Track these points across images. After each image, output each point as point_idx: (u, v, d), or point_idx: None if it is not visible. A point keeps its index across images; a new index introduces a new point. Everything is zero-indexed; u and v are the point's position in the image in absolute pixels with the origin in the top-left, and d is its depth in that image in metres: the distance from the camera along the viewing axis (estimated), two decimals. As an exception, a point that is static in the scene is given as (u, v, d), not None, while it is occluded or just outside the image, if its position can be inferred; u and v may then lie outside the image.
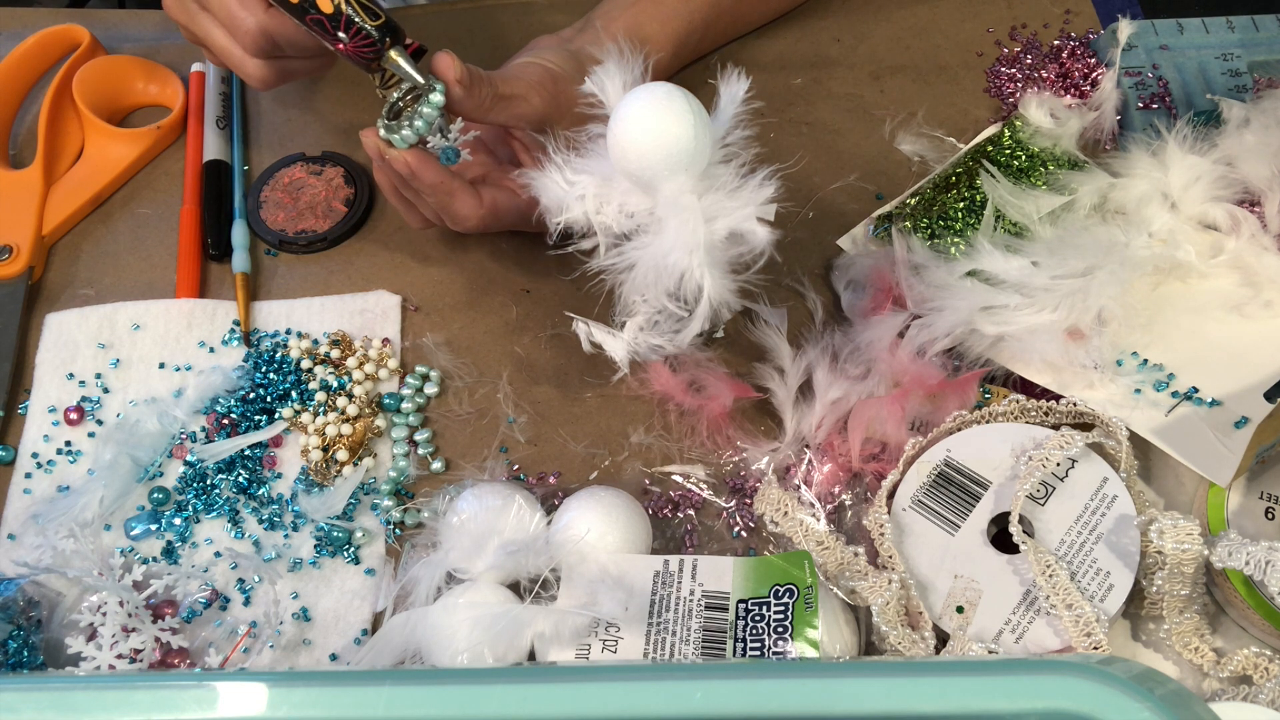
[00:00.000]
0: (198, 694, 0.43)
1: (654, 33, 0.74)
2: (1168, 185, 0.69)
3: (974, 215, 0.70)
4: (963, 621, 0.57)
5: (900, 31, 0.83)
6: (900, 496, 0.61)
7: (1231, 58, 0.77)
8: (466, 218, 0.65)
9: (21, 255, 0.74)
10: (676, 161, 0.55)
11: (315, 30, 0.60)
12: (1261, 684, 0.56)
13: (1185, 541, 0.55)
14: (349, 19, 0.59)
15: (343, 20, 0.59)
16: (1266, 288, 0.66)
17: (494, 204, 0.65)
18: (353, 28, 0.59)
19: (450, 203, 0.64)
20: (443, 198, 0.63)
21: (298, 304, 0.73)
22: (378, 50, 0.60)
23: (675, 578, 0.59)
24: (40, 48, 0.81)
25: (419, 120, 0.60)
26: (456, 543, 0.60)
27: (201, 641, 0.61)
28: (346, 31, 0.59)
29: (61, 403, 0.69)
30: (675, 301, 0.58)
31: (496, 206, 0.65)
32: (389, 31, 0.60)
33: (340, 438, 0.67)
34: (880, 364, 0.64)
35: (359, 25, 0.59)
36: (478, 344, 0.71)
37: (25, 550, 0.64)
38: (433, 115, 0.60)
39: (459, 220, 0.65)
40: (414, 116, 0.60)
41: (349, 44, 0.59)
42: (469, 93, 0.61)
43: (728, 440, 0.66)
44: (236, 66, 0.68)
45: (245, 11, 0.63)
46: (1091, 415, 0.61)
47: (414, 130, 0.61)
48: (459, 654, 0.56)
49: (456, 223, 0.66)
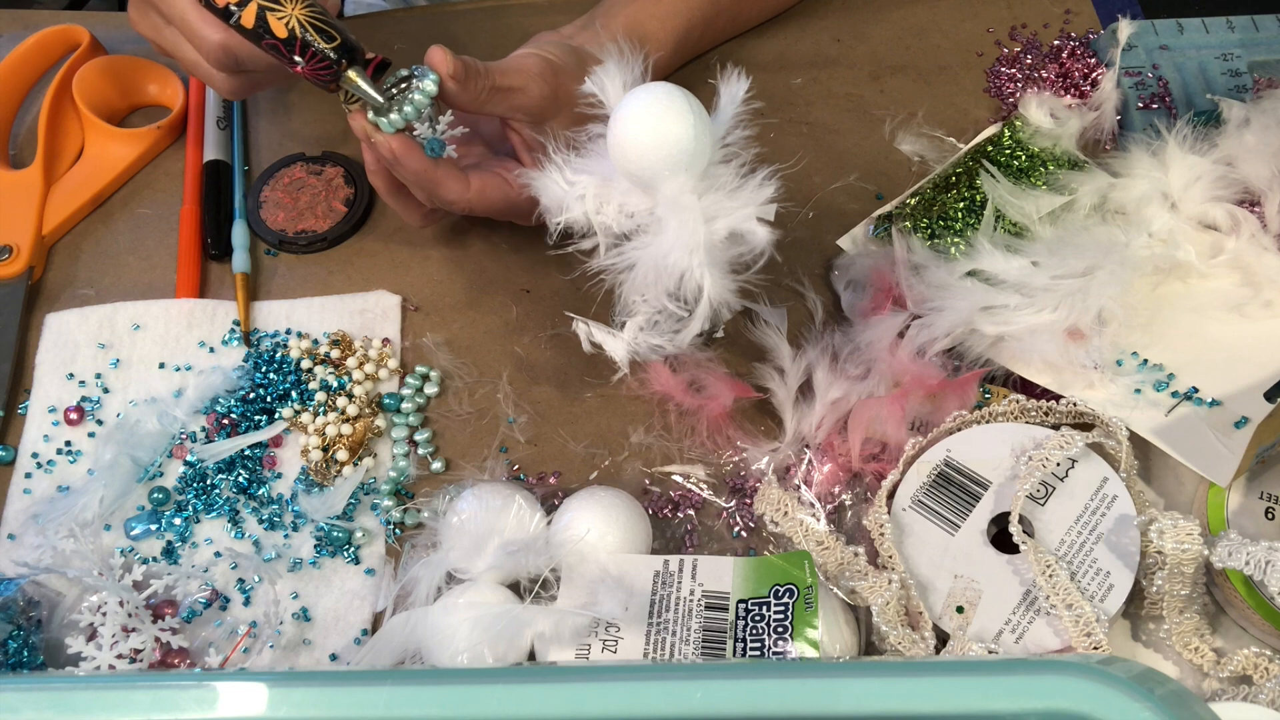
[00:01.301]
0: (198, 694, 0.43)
1: (654, 30, 0.74)
2: (1168, 185, 0.69)
3: (974, 215, 0.70)
4: (963, 621, 0.57)
5: (900, 31, 0.83)
6: (900, 496, 0.61)
7: (1231, 58, 0.77)
8: (453, 202, 0.65)
9: (21, 255, 0.74)
10: (676, 161, 0.55)
11: (271, 54, 0.60)
12: (1261, 684, 0.56)
13: (1185, 541, 0.55)
14: (305, 42, 0.59)
15: (298, 44, 0.59)
16: (1266, 288, 0.66)
17: (482, 189, 0.65)
18: (309, 50, 0.59)
19: (435, 189, 0.64)
20: (427, 185, 0.64)
21: (298, 304, 0.73)
22: (335, 72, 0.60)
23: (675, 578, 0.59)
24: (40, 48, 0.81)
25: (408, 106, 0.60)
26: (456, 543, 0.60)
27: (201, 641, 0.61)
28: (303, 55, 0.59)
29: (61, 403, 0.69)
30: (675, 301, 0.58)
31: (485, 191, 0.65)
32: (345, 52, 0.59)
33: (340, 438, 0.67)
34: (880, 364, 0.64)
35: (315, 48, 0.59)
36: (478, 344, 0.71)
37: (25, 550, 0.64)
38: (423, 103, 0.60)
39: (446, 204, 0.65)
40: (403, 102, 0.60)
41: (305, 66, 0.59)
42: (463, 86, 0.61)
43: (728, 440, 0.66)
44: (204, 79, 0.68)
45: (206, 29, 0.63)
46: (1091, 415, 0.61)
47: (402, 116, 0.60)
48: (459, 654, 0.56)
49: (444, 205, 0.66)
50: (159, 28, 0.68)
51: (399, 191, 0.67)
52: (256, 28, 0.59)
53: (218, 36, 0.62)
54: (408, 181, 0.64)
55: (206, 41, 0.63)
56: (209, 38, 0.63)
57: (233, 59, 0.64)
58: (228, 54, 0.63)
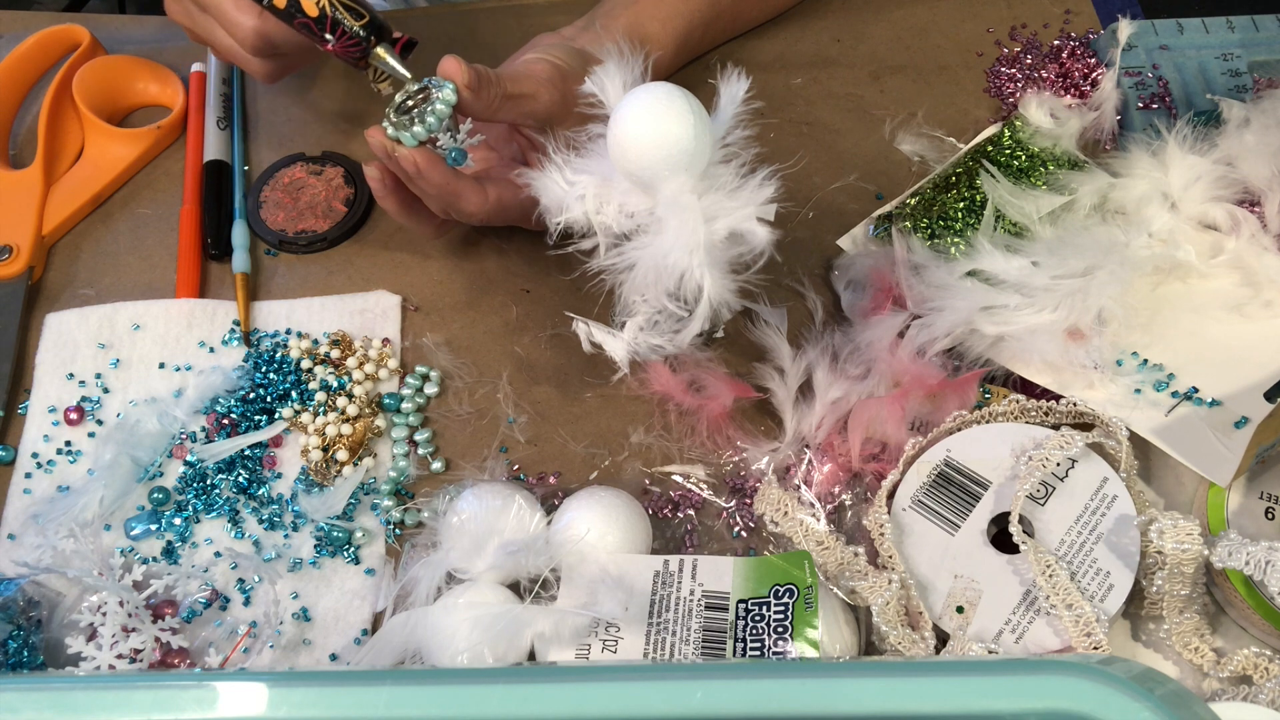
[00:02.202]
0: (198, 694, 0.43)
1: (655, 31, 0.74)
2: (1168, 185, 0.69)
3: (974, 215, 0.70)
4: (963, 621, 0.57)
5: (900, 31, 0.83)
6: (900, 496, 0.61)
7: (1231, 58, 0.77)
8: (472, 214, 0.65)
9: (21, 255, 0.74)
10: (676, 161, 0.55)
11: (303, 32, 0.63)
12: (1261, 684, 0.56)
13: (1185, 541, 0.55)
14: (334, 20, 0.62)
15: (328, 22, 0.62)
16: (1266, 288, 0.66)
17: (499, 199, 0.65)
18: (339, 29, 0.62)
19: (456, 201, 0.64)
20: (448, 198, 0.63)
21: (298, 304, 0.73)
22: (364, 49, 0.63)
23: (675, 578, 0.59)
24: (40, 48, 0.81)
25: (430, 117, 0.60)
26: (456, 543, 0.60)
27: (201, 641, 0.61)
28: (333, 33, 0.62)
29: (61, 403, 0.69)
30: (675, 301, 0.58)
31: (502, 201, 0.65)
32: (374, 30, 0.62)
33: (340, 438, 0.67)
34: (880, 364, 0.64)
35: (345, 26, 0.62)
36: (478, 344, 0.71)
37: (25, 550, 0.64)
38: (445, 113, 0.60)
39: (464, 215, 0.65)
40: (424, 114, 0.61)
41: (336, 44, 0.62)
42: (477, 95, 0.61)
43: (728, 440, 0.66)
44: (241, 64, 0.70)
45: (241, 15, 0.66)
46: (1091, 415, 0.61)
47: (425, 128, 0.61)
48: (459, 654, 0.56)
49: (461, 217, 0.66)
50: (194, 15, 0.70)
51: (411, 210, 0.67)
52: (289, 8, 0.62)
53: (252, 22, 0.66)
54: (428, 195, 0.64)
55: (242, 28, 0.66)
56: (244, 24, 0.66)
57: (267, 43, 0.67)
58: (262, 39, 0.66)
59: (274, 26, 0.65)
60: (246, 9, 0.65)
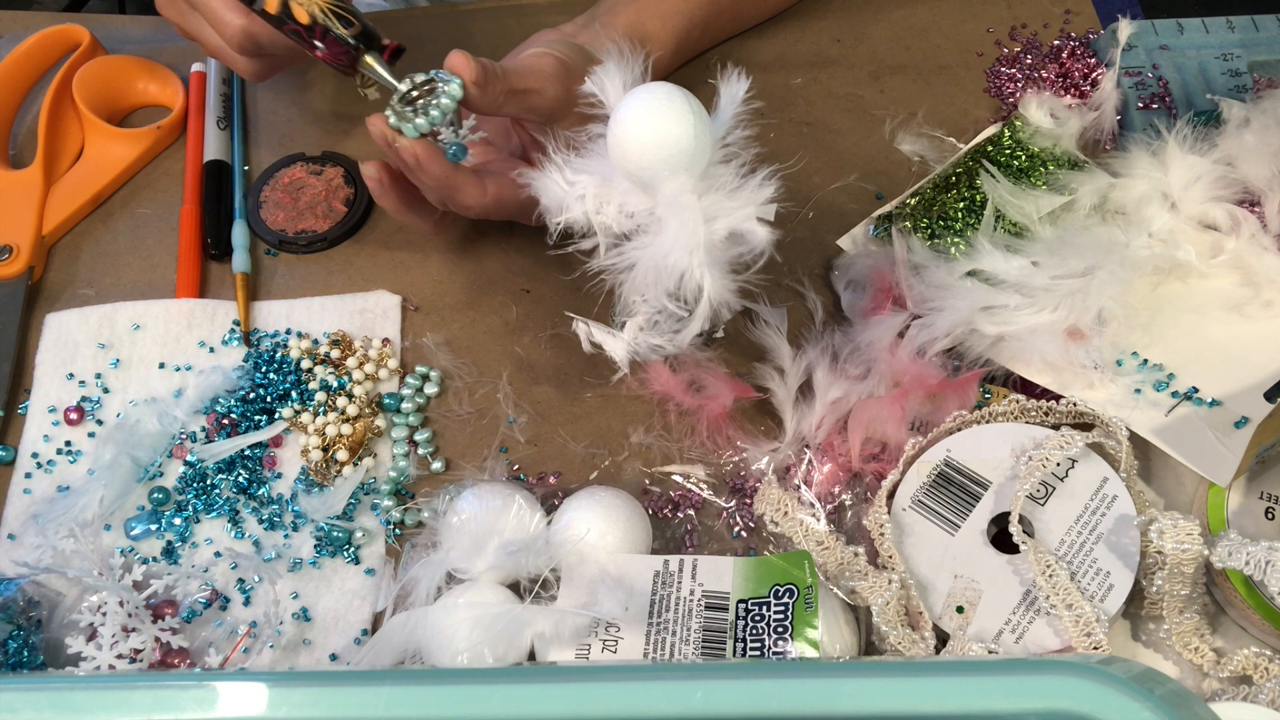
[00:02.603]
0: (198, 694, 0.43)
1: (655, 30, 0.74)
2: (1168, 185, 0.69)
3: (974, 215, 0.70)
4: (963, 621, 0.57)
5: (900, 31, 0.83)
6: (900, 496, 0.61)
7: (1231, 58, 0.77)
8: (470, 207, 0.65)
9: (21, 255, 0.74)
10: (676, 161, 0.55)
11: (293, 39, 0.63)
12: (1261, 684, 0.56)
13: (1185, 541, 0.55)
14: (325, 28, 0.62)
15: (319, 30, 0.62)
16: (1266, 288, 0.66)
17: (498, 193, 0.65)
18: (329, 36, 0.62)
19: (454, 194, 0.64)
20: (446, 190, 0.63)
21: (298, 304, 0.73)
22: (353, 57, 0.62)
23: (675, 578, 0.59)
24: (40, 48, 0.81)
25: (434, 111, 0.60)
26: (456, 543, 0.60)
27: (201, 641, 0.61)
28: (323, 40, 0.62)
29: (61, 403, 0.69)
30: (675, 301, 0.58)
31: (500, 196, 0.65)
32: (364, 39, 0.62)
33: (340, 438, 0.67)
34: (880, 364, 0.64)
35: (335, 34, 0.62)
36: (478, 344, 0.71)
37: (25, 550, 0.64)
38: (449, 107, 0.60)
39: (462, 208, 0.65)
40: (429, 107, 0.60)
41: (325, 51, 0.62)
42: (483, 90, 0.61)
43: (728, 440, 0.66)
44: (229, 63, 0.71)
45: (229, 14, 0.66)
46: (1091, 415, 0.61)
47: (428, 120, 0.60)
48: (459, 654, 0.56)
49: (460, 210, 0.66)
50: (184, 13, 0.70)
51: (409, 206, 0.67)
52: (280, 14, 0.62)
53: (240, 22, 0.66)
54: (426, 187, 0.64)
55: (230, 27, 0.66)
56: (232, 23, 0.66)
57: (254, 43, 0.67)
58: (249, 38, 0.67)
59: (261, 27, 0.66)
60: (234, 8, 0.66)
